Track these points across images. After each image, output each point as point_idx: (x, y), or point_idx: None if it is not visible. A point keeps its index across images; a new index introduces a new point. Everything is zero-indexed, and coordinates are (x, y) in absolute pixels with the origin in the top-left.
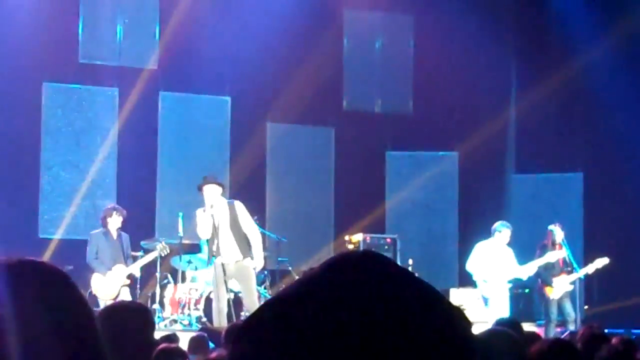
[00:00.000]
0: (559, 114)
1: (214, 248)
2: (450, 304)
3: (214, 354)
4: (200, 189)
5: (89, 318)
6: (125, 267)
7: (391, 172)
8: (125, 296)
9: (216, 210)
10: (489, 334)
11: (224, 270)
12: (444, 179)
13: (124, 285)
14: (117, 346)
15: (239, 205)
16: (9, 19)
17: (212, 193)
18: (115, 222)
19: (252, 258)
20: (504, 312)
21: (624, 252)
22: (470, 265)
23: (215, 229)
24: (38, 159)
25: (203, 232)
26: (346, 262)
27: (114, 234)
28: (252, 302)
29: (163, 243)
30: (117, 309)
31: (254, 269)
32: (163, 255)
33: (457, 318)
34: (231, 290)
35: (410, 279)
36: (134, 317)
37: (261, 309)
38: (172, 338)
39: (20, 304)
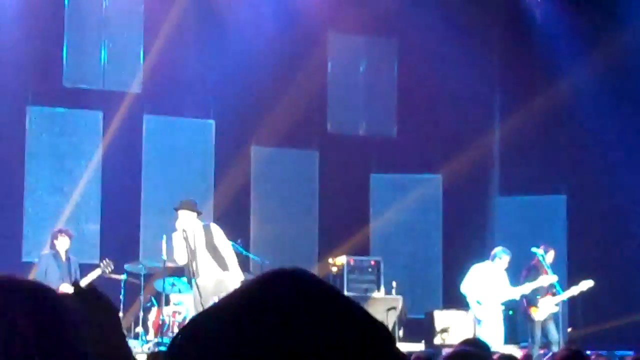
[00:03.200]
0: (543, 137)
1: (192, 270)
2: (374, 321)
3: None
4: (178, 209)
5: (70, 334)
6: (70, 286)
7: (375, 195)
8: None
9: (191, 234)
10: (456, 355)
11: (199, 293)
12: (428, 202)
13: None
14: None
15: (214, 228)
16: None
17: (185, 218)
18: (62, 243)
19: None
20: (498, 333)
21: (607, 275)
22: (465, 287)
23: (191, 252)
24: (22, 182)
25: (179, 256)
26: (274, 279)
27: (63, 256)
28: None
29: (106, 260)
30: None
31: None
32: (107, 271)
33: (382, 335)
34: None
35: (335, 296)
36: None
37: (185, 326)
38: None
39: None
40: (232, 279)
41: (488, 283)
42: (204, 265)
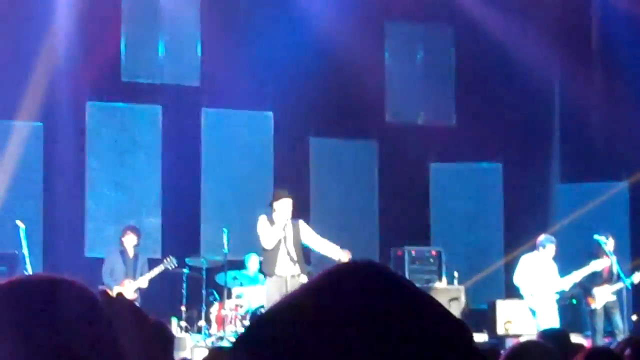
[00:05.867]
0: (603, 124)
1: (279, 261)
2: (451, 315)
3: None
4: (276, 200)
5: (108, 333)
6: (133, 281)
7: (435, 184)
8: None
9: (283, 223)
10: (521, 346)
11: (285, 284)
12: (489, 191)
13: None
14: None
15: (303, 225)
16: (51, 40)
17: (287, 207)
18: (129, 240)
19: (307, 275)
20: (553, 323)
21: None
22: (517, 278)
23: (279, 243)
24: (84, 178)
25: (269, 242)
26: (346, 273)
27: (130, 253)
28: None
29: (170, 257)
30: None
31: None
32: (171, 268)
33: (460, 329)
34: None
35: (412, 291)
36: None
37: (254, 323)
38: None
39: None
40: (305, 278)
41: (538, 273)
42: (287, 258)
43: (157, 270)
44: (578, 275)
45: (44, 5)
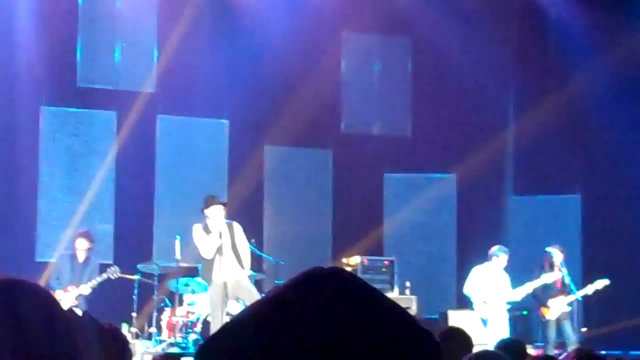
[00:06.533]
0: (557, 136)
1: (216, 267)
2: (416, 321)
3: None
4: (207, 207)
5: (67, 334)
6: (76, 288)
7: (389, 194)
8: None
9: (219, 229)
10: (476, 357)
11: (225, 290)
12: (442, 201)
13: (72, 306)
14: None
15: (237, 226)
16: (7, 43)
17: (218, 213)
18: (80, 244)
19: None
20: (504, 333)
21: (622, 274)
22: (468, 288)
23: (218, 248)
24: (36, 182)
25: (207, 251)
26: (312, 279)
27: (81, 258)
28: None
29: (114, 267)
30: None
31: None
32: (113, 278)
33: (427, 338)
34: (228, 314)
35: (379, 297)
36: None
37: (220, 330)
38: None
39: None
40: (247, 279)
41: (489, 283)
42: (227, 264)
43: (99, 279)
44: (530, 287)
45: (1, 9)
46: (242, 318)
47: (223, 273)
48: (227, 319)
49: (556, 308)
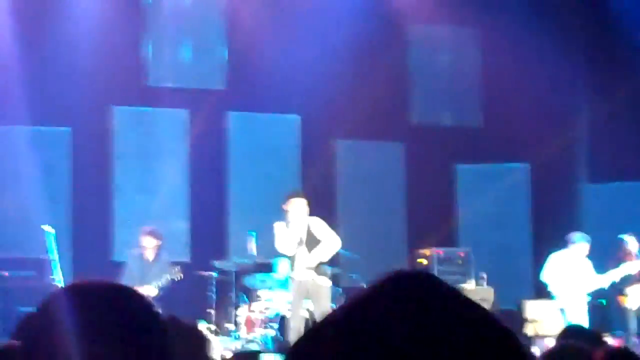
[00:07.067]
0: (632, 122)
1: (297, 263)
2: (503, 326)
3: None
4: (288, 202)
5: (163, 335)
6: (141, 287)
7: (462, 186)
8: None
9: (301, 224)
10: (561, 349)
11: (302, 288)
12: (516, 191)
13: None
14: None
15: (318, 222)
16: (77, 45)
17: (301, 208)
18: (147, 242)
19: (328, 277)
20: (583, 323)
21: None
22: (546, 276)
23: (299, 244)
24: (111, 183)
25: (288, 248)
26: (396, 284)
27: (150, 256)
28: None
29: (177, 268)
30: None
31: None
32: (177, 279)
33: (512, 341)
34: (307, 310)
35: (463, 301)
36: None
37: (304, 337)
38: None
39: (87, 323)
40: (327, 284)
41: (568, 271)
42: (304, 262)
43: (163, 280)
44: (613, 276)
45: (70, 9)
46: (328, 322)
47: (301, 271)
48: (305, 314)
49: (635, 296)
